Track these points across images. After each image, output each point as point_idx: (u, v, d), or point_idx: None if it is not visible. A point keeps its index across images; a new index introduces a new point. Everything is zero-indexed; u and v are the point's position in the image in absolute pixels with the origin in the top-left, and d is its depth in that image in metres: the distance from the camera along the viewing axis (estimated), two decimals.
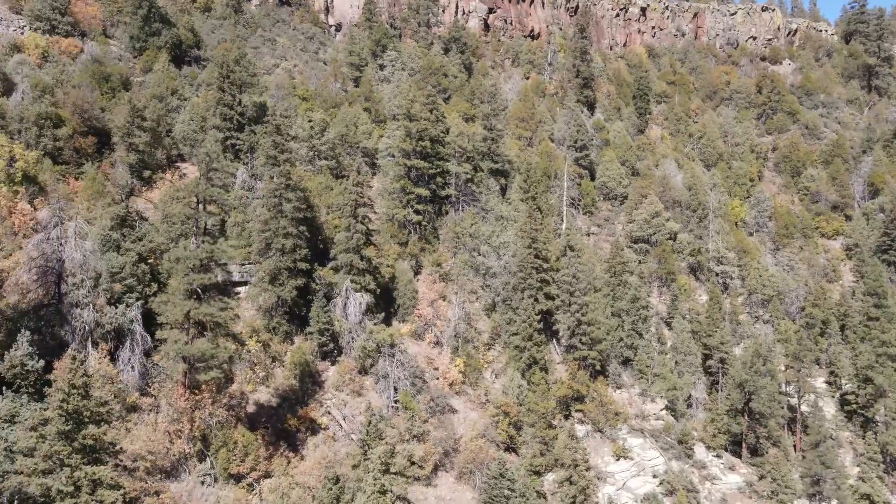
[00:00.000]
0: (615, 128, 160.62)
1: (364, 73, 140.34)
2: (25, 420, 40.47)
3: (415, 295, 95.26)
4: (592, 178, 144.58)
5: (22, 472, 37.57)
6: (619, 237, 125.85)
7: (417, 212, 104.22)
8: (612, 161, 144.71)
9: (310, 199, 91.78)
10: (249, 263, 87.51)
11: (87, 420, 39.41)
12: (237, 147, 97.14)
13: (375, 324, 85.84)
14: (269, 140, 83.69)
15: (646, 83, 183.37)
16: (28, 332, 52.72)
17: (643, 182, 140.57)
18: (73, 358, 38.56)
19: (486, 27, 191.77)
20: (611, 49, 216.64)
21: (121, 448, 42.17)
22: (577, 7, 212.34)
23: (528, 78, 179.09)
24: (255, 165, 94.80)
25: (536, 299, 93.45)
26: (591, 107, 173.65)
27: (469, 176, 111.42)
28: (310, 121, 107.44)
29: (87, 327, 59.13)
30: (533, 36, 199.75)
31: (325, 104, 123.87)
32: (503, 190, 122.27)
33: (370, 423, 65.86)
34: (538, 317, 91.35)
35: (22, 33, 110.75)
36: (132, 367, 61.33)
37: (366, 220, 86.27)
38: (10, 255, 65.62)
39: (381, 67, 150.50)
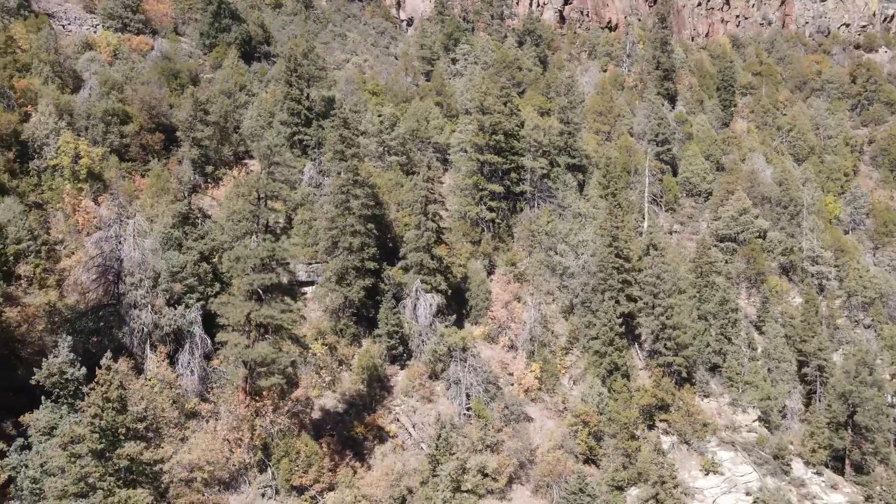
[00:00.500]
0: (698, 121, 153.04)
1: (436, 67, 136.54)
2: (60, 435, 37.58)
3: (488, 296, 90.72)
4: (675, 174, 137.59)
5: (51, 496, 34.36)
6: (704, 235, 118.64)
7: (491, 209, 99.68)
8: (696, 155, 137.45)
9: (378, 195, 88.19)
10: (316, 263, 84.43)
11: (122, 437, 36.11)
12: (304, 143, 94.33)
13: (447, 326, 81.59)
14: (336, 134, 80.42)
15: (730, 74, 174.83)
16: (70, 337, 50.01)
17: (729, 177, 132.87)
18: (108, 368, 35.16)
19: (562, 19, 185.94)
20: (692, 40, 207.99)
21: (161, 469, 38.55)
22: None
23: (605, 71, 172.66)
24: (322, 161, 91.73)
25: (617, 301, 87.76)
26: (671, 100, 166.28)
27: (545, 171, 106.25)
28: (379, 115, 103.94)
29: (145, 329, 56.56)
30: (610, 27, 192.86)
31: (396, 99, 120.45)
32: (580, 186, 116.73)
33: (440, 436, 61.52)
34: (619, 320, 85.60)
35: (95, 32, 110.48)
36: (191, 371, 58.52)
37: (437, 218, 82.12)
38: (73, 253, 63.71)
39: (454, 61, 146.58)
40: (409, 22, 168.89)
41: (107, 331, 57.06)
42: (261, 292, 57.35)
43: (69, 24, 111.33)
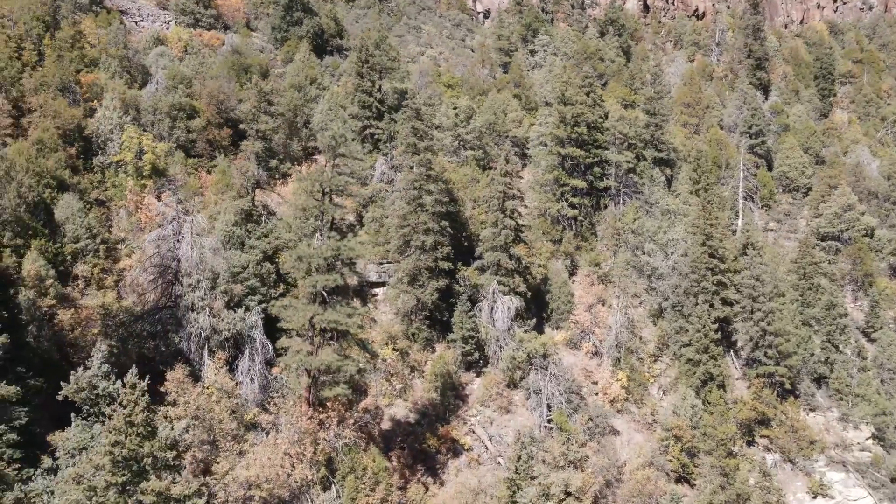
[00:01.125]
0: (795, 111, 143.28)
1: (513, 59, 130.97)
2: (77, 464, 33.15)
3: (570, 299, 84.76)
4: (770, 168, 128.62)
5: None
6: (805, 234, 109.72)
7: (573, 205, 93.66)
8: (793, 148, 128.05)
9: (453, 191, 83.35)
10: (387, 263, 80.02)
11: (148, 468, 31.37)
12: (376, 137, 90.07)
13: (526, 331, 76.06)
14: (408, 126, 75.69)
15: (830, 62, 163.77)
16: (105, 346, 46.19)
17: (831, 171, 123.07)
18: (133, 386, 30.58)
19: (646, 8, 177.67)
20: (785, 27, 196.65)
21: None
22: None
23: (692, 61, 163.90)
24: (394, 156, 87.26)
25: (712, 305, 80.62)
26: (764, 90, 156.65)
27: (631, 165, 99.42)
28: (454, 108, 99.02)
29: (202, 334, 52.78)
30: (697, 15, 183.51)
31: (472, 91, 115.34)
32: (668, 181, 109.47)
33: (519, 458, 56.08)
34: (714, 326, 78.41)
35: (167, 28, 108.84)
36: (252, 379, 54.48)
37: (515, 215, 76.64)
38: (132, 252, 60.72)
39: (532, 53, 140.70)
40: (486, 14, 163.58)
41: (163, 335, 53.57)
42: (325, 294, 52.93)
43: (142, 20, 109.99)
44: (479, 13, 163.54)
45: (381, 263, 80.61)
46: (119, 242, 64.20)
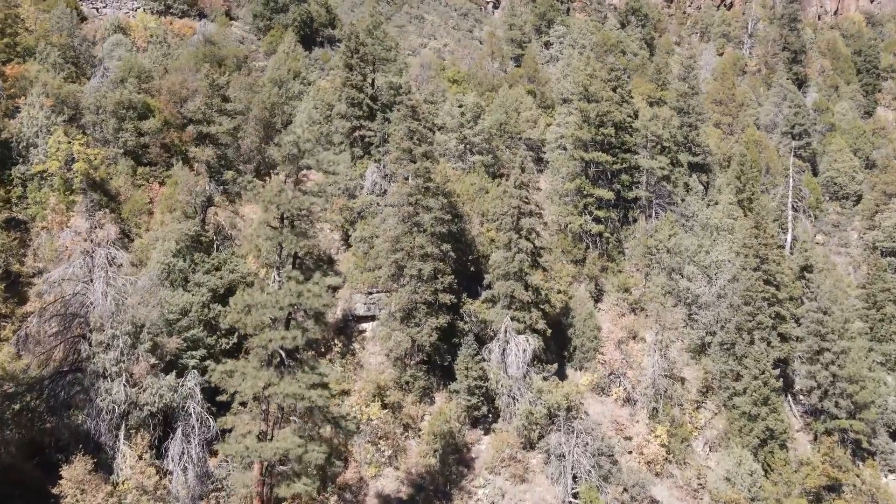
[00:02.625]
0: (839, 109, 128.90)
1: (527, 51, 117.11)
2: None
3: (596, 334, 71.08)
4: (815, 173, 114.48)
5: None
6: (861, 249, 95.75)
7: (598, 220, 79.93)
8: (842, 150, 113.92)
9: (457, 205, 69.74)
10: (378, 291, 66.45)
11: None
12: (367, 139, 76.37)
13: (545, 377, 62.47)
14: (402, 127, 62.01)
15: (874, 55, 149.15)
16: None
17: (886, 177, 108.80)
18: None
19: None
20: (819, 18, 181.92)
21: None
22: None
23: (721, 54, 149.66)
24: (388, 162, 73.58)
25: (769, 343, 66.77)
26: (800, 85, 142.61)
27: (665, 173, 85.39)
28: (460, 105, 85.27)
29: (116, 409, 39.29)
30: (725, 5, 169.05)
31: (480, 87, 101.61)
32: (704, 189, 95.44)
33: None
34: (776, 372, 64.50)
35: (133, 16, 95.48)
36: (185, 468, 40.88)
37: (532, 236, 62.85)
38: (40, 295, 47.24)
39: (547, 45, 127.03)
40: (496, 4, 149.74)
41: (64, 411, 40.06)
42: (283, 355, 39.31)
43: (105, 6, 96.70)
44: (487, 2, 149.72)
45: (371, 293, 67.06)
46: (36, 275, 50.80)
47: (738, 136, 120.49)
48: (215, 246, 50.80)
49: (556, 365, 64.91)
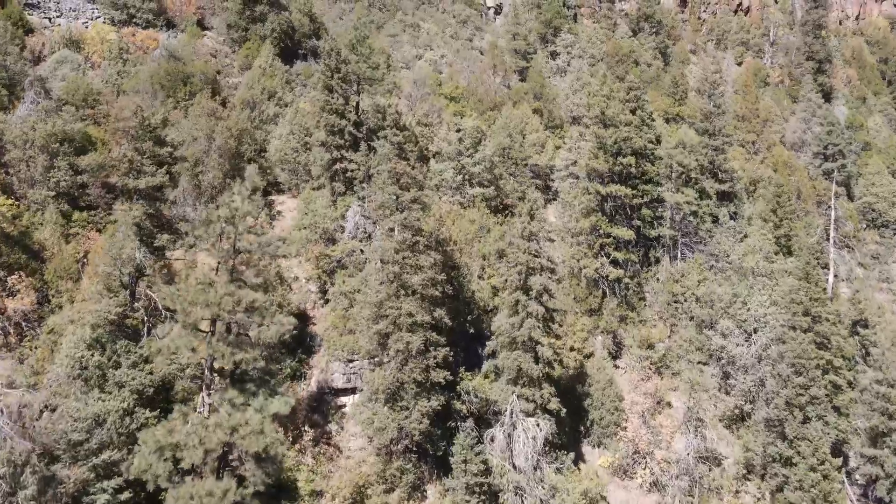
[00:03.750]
0: (873, 124, 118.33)
1: (532, 63, 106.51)
2: None
3: (617, 404, 60.57)
4: (850, 197, 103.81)
5: None
6: None
7: (616, 262, 69.48)
8: (880, 173, 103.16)
9: (454, 255, 59.27)
10: (360, 358, 55.86)
11: None
12: (349, 173, 65.63)
13: (559, 468, 51.97)
14: (387, 169, 51.30)
15: None
16: None
17: None
18: None
19: (683, 2, 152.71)
20: (840, 23, 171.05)
21: None
22: None
23: (740, 63, 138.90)
24: (371, 203, 62.85)
25: (826, 422, 56.11)
26: (826, 97, 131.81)
27: (693, 208, 74.64)
28: (458, 130, 74.69)
29: None
30: (742, 10, 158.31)
31: (481, 105, 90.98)
32: (731, 218, 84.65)
33: None
34: (838, 462, 53.82)
35: (89, 27, 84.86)
36: None
37: (544, 298, 52.16)
38: None
39: (553, 55, 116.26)
40: (498, 10, 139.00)
41: None
42: None
43: (59, 16, 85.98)
44: (489, 8, 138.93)
45: (352, 360, 56.44)
46: None
47: (763, 154, 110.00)
48: (146, 330, 40.17)
49: (572, 454, 54.31)
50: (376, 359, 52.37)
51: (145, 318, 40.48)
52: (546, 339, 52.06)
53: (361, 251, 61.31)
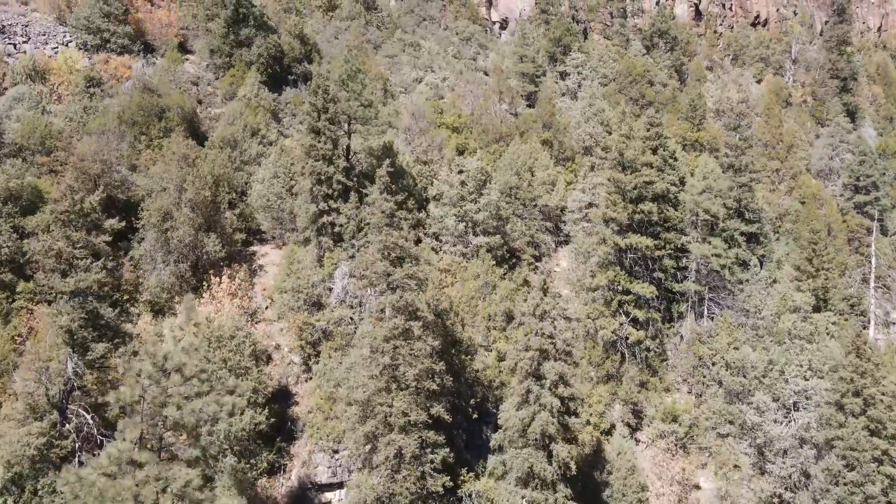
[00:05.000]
0: None
1: (541, 87, 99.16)
2: None
3: (640, 495, 53.27)
4: (884, 232, 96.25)
5: None
6: None
7: (636, 321, 62.11)
8: None
9: (454, 330, 52.09)
10: (346, 450, 48.76)
11: None
12: (338, 228, 58.41)
13: None
14: (378, 242, 43.95)
15: None
16: None
17: None
18: None
19: (698, 14, 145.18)
20: (861, 35, 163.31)
21: None
22: None
23: (759, 80, 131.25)
24: (361, 273, 55.54)
25: None
26: (851, 116, 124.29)
27: (722, 262, 67.11)
28: (460, 171, 67.51)
29: None
30: (759, 23, 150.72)
31: (486, 136, 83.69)
32: (759, 262, 77.24)
33: None
34: None
35: (55, 53, 77.78)
36: None
37: (560, 389, 44.83)
38: None
39: (563, 76, 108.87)
40: (503, 24, 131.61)
41: None
42: None
43: (26, 40, 78.91)
44: (494, 23, 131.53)
45: (337, 451, 49.37)
46: None
47: (788, 182, 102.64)
48: (77, 461, 32.97)
49: None
50: (363, 458, 45.18)
51: (77, 445, 33.33)
52: (562, 436, 44.86)
53: (351, 318, 54.21)
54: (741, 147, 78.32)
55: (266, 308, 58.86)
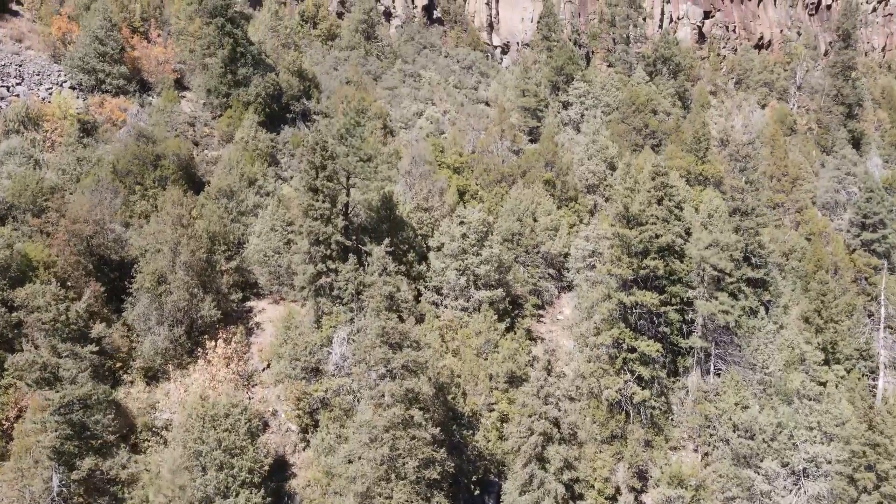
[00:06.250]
0: None
1: (543, 125, 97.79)
2: None
3: None
4: (891, 270, 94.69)
5: None
6: None
7: (641, 380, 60.67)
8: None
9: (455, 403, 50.70)
10: None
11: None
12: (336, 290, 57.02)
13: None
14: (377, 326, 42.46)
15: None
16: None
17: None
18: None
19: (701, 37, 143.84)
20: (865, 55, 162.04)
21: None
22: (820, 4, 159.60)
23: (763, 107, 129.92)
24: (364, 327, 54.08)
25: None
26: (856, 144, 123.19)
27: (729, 319, 65.69)
28: (462, 222, 66.13)
29: None
30: (762, 45, 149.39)
31: (488, 177, 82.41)
32: (765, 307, 75.78)
33: None
34: None
35: (49, 96, 76.38)
36: None
37: (564, 474, 43.42)
38: None
39: (565, 106, 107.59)
40: (505, 49, 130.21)
41: None
42: None
43: (20, 82, 77.52)
44: (495, 48, 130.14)
45: None
46: None
47: (793, 216, 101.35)
48: None
49: None
50: None
51: None
52: None
53: (349, 390, 52.80)
54: (748, 190, 76.87)
55: (263, 370, 57.56)
